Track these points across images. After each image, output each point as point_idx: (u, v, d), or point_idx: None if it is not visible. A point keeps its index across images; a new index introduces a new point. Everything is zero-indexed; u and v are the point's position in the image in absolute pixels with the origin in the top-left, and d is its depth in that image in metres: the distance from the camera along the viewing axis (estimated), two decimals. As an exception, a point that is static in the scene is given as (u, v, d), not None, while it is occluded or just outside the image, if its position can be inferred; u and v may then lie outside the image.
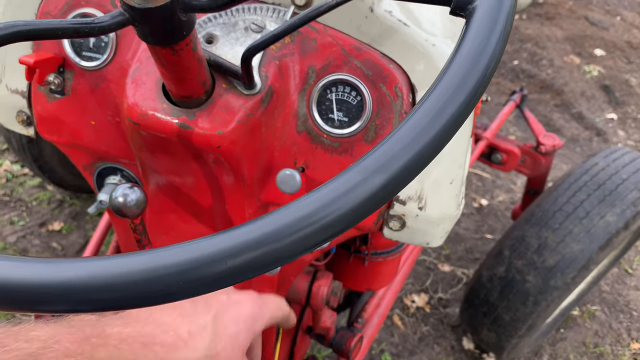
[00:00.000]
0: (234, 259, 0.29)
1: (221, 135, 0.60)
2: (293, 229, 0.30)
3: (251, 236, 0.30)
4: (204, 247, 0.30)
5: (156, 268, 0.29)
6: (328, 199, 0.30)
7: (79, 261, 0.29)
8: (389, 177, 0.32)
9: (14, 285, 0.29)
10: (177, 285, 0.30)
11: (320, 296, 0.85)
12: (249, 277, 0.31)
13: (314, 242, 0.31)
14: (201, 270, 0.29)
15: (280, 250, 0.29)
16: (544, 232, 1.50)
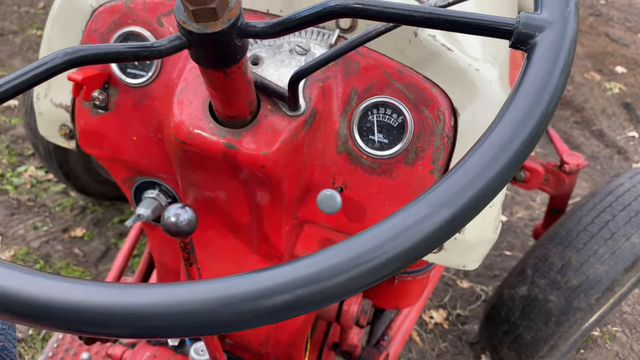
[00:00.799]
0: (312, 286, 0.30)
1: (266, 156, 0.60)
2: (364, 258, 0.30)
3: (325, 265, 0.30)
4: (282, 274, 0.30)
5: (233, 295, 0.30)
6: (396, 230, 0.31)
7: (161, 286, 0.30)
8: (457, 210, 0.32)
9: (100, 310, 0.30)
10: (249, 314, 0.31)
11: (350, 315, 0.86)
12: (323, 305, 0.31)
13: (385, 273, 0.32)
14: (277, 298, 0.30)
15: (352, 280, 0.30)
16: (567, 252, 1.49)
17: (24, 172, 2.19)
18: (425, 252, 0.31)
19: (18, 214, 2.06)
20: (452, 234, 0.32)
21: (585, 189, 2.67)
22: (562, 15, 0.38)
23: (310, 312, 0.82)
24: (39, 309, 0.30)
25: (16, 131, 2.36)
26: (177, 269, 0.86)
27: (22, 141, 2.33)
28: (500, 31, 0.39)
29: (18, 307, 0.30)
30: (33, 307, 0.30)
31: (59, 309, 0.30)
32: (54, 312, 0.30)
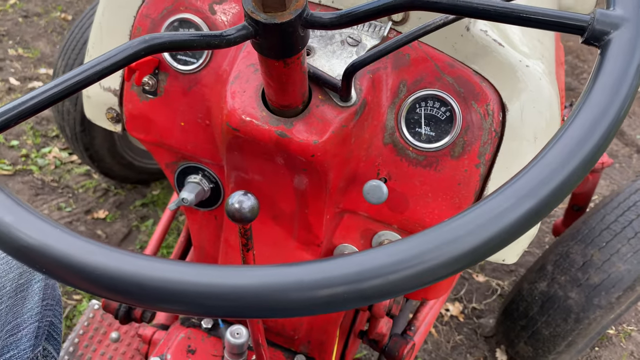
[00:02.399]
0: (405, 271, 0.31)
1: (316, 145, 0.61)
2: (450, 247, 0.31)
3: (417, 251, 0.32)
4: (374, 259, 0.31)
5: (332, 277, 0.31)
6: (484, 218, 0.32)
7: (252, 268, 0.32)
8: (537, 202, 0.33)
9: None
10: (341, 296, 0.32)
11: (383, 304, 0.87)
12: (405, 292, 0.32)
13: (466, 262, 0.33)
14: (369, 282, 0.31)
15: (438, 267, 0.31)
16: (589, 250, 1.49)
17: (49, 153, 2.21)
18: (509, 241, 0.32)
19: (42, 195, 2.09)
20: (534, 224, 0.33)
21: (604, 187, 2.66)
22: (637, 12, 0.38)
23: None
24: (156, 292, 0.32)
25: (41, 113, 2.38)
26: (215, 254, 0.88)
27: (46, 123, 2.35)
28: (574, 27, 0.40)
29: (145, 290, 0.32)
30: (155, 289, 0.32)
31: (177, 290, 0.31)
32: (170, 293, 0.31)
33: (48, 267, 0.34)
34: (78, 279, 0.33)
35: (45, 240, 0.34)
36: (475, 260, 0.34)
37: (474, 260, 0.33)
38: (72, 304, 1.77)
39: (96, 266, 0.33)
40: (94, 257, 0.34)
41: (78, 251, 0.34)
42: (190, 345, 0.90)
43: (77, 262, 0.33)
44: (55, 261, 0.33)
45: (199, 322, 0.94)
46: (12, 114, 0.39)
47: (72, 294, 1.81)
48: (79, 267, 0.33)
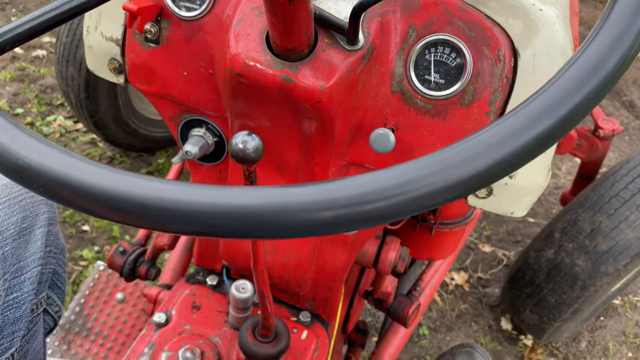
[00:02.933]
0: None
1: (322, 90, 0.60)
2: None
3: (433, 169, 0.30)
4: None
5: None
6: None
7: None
8: (555, 122, 0.32)
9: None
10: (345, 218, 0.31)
11: (388, 261, 0.86)
12: (415, 212, 0.31)
13: (483, 181, 0.31)
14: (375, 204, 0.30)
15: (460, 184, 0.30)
16: (598, 217, 1.48)
17: (53, 122, 2.21)
18: (524, 162, 0.31)
19: (47, 162, 2.09)
20: (549, 146, 0.32)
21: (613, 159, 2.63)
22: None
23: (352, 254, 0.83)
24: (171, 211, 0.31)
25: (45, 81, 2.37)
26: (218, 210, 0.87)
27: (51, 91, 2.34)
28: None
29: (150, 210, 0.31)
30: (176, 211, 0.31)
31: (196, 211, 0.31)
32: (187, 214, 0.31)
33: (46, 187, 0.33)
34: (78, 198, 0.32)
35: (43, 159, 0.33)
36: (489, 179, 0.32)
37: (487, 179, 0.32)
38: (79, 270, 1.78)
39: (103, 186, 0.32)
40: (99, 178, 0.33)
41: (78, 171, 0.33)
42: (195, 302, 0.90)
43: (77, 181, 0.32)
44: (53, 180, 0.33)
45: (204, 280, 0.94)
46: (7, 37, 0.38)
47: (79, 260, 1.82)
48: (79, 187, 0.32)
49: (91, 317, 1.15)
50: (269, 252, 0.84)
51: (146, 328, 0.86)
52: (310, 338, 0.87)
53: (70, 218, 1.92)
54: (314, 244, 0.81)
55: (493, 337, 1.84)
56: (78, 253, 1.83)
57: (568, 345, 1.84)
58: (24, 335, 0.66)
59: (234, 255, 0.88)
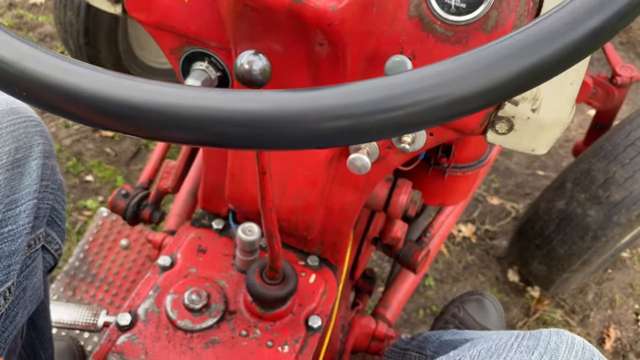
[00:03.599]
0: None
1: (334, 12, 0.55)
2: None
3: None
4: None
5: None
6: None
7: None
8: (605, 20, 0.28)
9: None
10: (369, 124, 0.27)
11: (399, 204, 0.83)
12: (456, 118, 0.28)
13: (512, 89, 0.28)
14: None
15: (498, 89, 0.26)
16: (612, 167, 1.44)
17: (53, 70, 2.16)
18: (572, 63, 0.27)
19: (48, 113, 2.05)
20: (599, 45, 0.28)
21: (626, 112, 2.57)
22: None
23: (362, 196, 0.80)
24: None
25: (44, 29, 2.30)
26: (224, 152, 0.83)
27: (50, 39, 2.28)
28: None
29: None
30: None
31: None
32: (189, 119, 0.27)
33: (30, 91, 0.29)
34: (66, 103, 0.29)
35: (23, 59, 0.29)
36: (525, 85, 0.29)
37: (520, 86, 0.28)
38: (83, 220, 1.77)
39: (92, 89, 0.29)
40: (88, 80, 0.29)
41: (68, 74, 0.29)
42: (201, 245, 0.87)
43: (69, 85, 0.29)
44: (38, 84, 0.29)
45: (210, 223, 0.92)
46: None
47: (83, 210, 1.80)
48: (68, 90, 0.29)
49: (95, 263, 1.14)
50: (277, 196, 0.81)
51: (151, 271, 0.84)
52: (319, 282, 0.85)
53: (73, 168, 1.90)
54: (323, 186, 0.78)
55: (500, 289, 1.83)
56: (82, 203, 1.82)
57: (575, 297, 1.84)
58: (21, 270, 0.64)
59: (240, 198, 0.85)
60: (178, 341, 0.76)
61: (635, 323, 1.80)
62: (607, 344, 1.74)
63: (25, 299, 0.66)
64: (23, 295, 0.65)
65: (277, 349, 0.77)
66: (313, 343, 0.79)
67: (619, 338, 1.76)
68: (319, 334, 0.80)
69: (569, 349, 0.53)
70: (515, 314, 1.77)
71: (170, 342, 0.76)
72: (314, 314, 0.81)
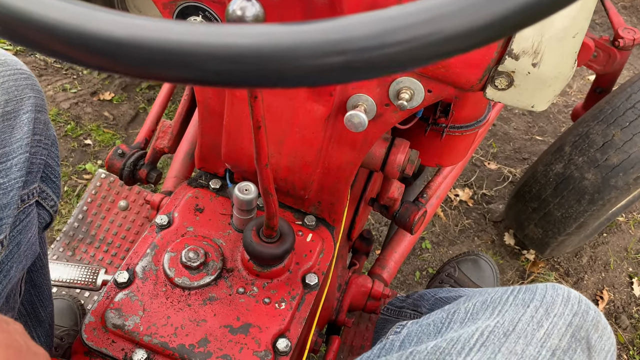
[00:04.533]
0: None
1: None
2: None
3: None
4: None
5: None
6: None
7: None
8: None
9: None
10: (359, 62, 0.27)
11: (397, 163, 0.83)
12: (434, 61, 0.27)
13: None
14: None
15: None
16: (611, 130, 1.44)
17: (47, 32, 2.12)
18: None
19: (46, 75, 2.03)
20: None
21: (626, 77, 2.55)
22: None
23: (359, 155, 0.79)
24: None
25: (35, -11, 2.25)
26: (220, 111, 0.83)
27: None
28: None
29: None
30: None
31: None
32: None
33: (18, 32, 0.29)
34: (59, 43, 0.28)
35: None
36: (523, 22, 0.28)
37: (521, 22, 0.28)
38: (83, 183, 1.77)
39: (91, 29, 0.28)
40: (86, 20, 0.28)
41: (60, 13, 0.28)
42: (198, 204, 0.88)
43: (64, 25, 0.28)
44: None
45: (207, 183, 0.92)
46: None
47: (82, 173, 1.80)
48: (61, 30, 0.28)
49: (94, 224, 1.14)
50: (273, 154, 0.81)
51: (148, 230, 0.85)
52: (316, 241, 0.85)
53: (72, 132, 1.89)
54: (320, 144, 0.78)
55: (495, 252, 1.85)
56: (81, 167, 1.81)
57: (569, 260, 1.86)
58: (14, 224, 0.64)
59: (237, 157, 0.84)
60: (176, 298, 0.77)
61: (628, 286, 1.82)
62: (600, 306, 1.76)
63: (19, 254, 0.66)
64: (17, 249, 0.66)
65: (274, 306, 0.78)
66: (310, 300, 0.80)
67: (612, 300, 1.78)
68: (315, 292, 0.81)
69: (565, 302, 0.54)
70: (511, 276, 1.80)
71: (168, 299, 0.76)
72: (311, 272, 0.82)
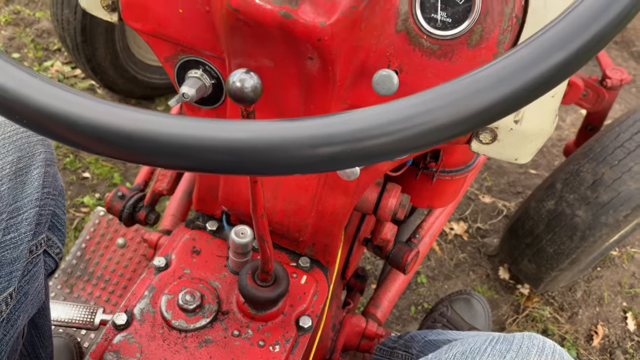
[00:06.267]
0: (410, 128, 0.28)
1: (323, 28, 0.57)
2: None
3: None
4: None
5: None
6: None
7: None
8: (570, 54, 0.30)
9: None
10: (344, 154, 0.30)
11: (388, 207, 0.86)
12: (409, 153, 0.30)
13: (496, 112, 0.30)
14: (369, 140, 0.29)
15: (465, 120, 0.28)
16: (600, 168, 1.47)
17: (51, 67, 2.17)
18: (535, 96, 0.29)
19: (45, 109, 2.07)
20: (564, 79, 0.30)
21: (618, 112, 2.59)
22: None
23: (352, 200, 0.82)
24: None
25: (41, 25, 2.31)
26: (217, 155, 0.86)
27: (47, 35, 2.28)
28: None
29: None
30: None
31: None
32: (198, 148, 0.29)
33: (30, 118, 0.31)
34: (62, 129, 0.31)
35: (26, 89, 0.31)
36: (491, 117, 0.31)
37: (489, 118, 0.31)
38: (80, 216, 1.79)
39: (89, 117, 0.31)
40: (82, 109, 0.31)
41: (62, 102, 0.31)
42: (195, 246, 0.90)
43: (61, 112, 0.31)
44: (37, 111, 0.31)
45: (204, 225, 0.94)
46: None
47: (80, 207, 1.82)
48: (63, 117, 0.31)
49: (93, 261, 1.16)
50: (269, 199, 0.84)
51: (146, 272, 0.87)
52: (310, 283, 0.87)
53: (71, 165, 1.92)
54: (314, 191, 0.80)
55: (490, 286, 1.86)
56: (79, 200, 1.83)
57: (564, 295, 1.87)
58: (22, 275, 0.66)
59: (234, 201, 0.87)
60: (172, 340, 0.78)
61: (622, 320, 1.83)
62: (595, 341, 1.77)
63: (26, 303, 0.68)
64: (25, 299, 0.67)
65: (268, 349, 0.79)
66: (304, 343, 0.81)
67: (607, 335, 1.79)
68: (309, 334, 0.82)
69: (539, 352, 0.56)
70: (506, 310, 1.81)
71: (165, 341, 0.78)
72: (305, 315, 0.83)
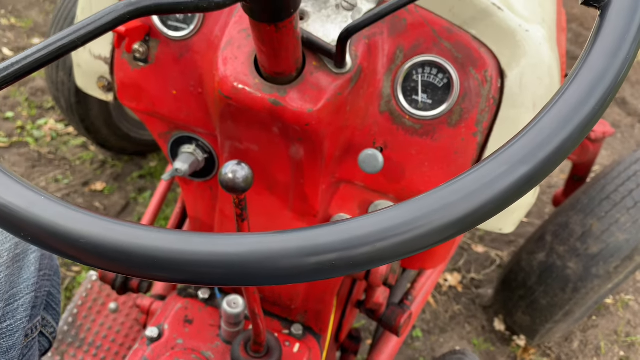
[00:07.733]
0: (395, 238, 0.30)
1: (311, 114, 0.60)
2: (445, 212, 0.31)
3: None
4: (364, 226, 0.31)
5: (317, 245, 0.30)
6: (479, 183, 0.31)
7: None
8: (533, 168, 0.32)
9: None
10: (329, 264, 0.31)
11: (379, 273, 0.87)
12: (396, 259, 0.32)
13: (457, 229, 0.32)
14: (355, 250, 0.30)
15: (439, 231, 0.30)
16: (589, 220, 1.49)
17: (44, 125, 2.20)
18: (503, 207, 0.31)
19: (39, 167, 2.08)
20: (527, 191, 0.32)
21: (605, 157, 2.65)
22: None
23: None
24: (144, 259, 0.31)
25: (35, 84, 2.36)
26: (210, 225, 0.87)
27: (41, 94, 2.33)
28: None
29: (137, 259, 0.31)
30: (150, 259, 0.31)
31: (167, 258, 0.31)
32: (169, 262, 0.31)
33: (34, 235, 0.33)
34: (65, 247, 0.33)
35: (31, 208, 0.33)
36: (467, 226, 0.33)
37: (465, 227, 0.33)
38: (72, 276, 1.78)
39: (82, 234, 0.32)
40: (79, 225, 0.33)
41: (63, 219, 0.33)
42: (188, 315, 0.90)
43: (62, 230, 0.33)
44: (40, 229, 0.33)
45: (196, 293, 0.94)
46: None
47: (71, 265, 1.81)
48: (65, 235, 0.32)
49: (84, 327, 1.15)
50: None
51: (139, 342, 0.86)
52: (302, 351, 0.87)
53: (63, 223, 1.92)
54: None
55: (486, 338, 1.85)
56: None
57: (561, 345, 1.86)
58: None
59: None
60: (165, 415, 0.78)
61: (620, 371, 1.82)
62: (594, 393, 1.75)
63: None
64: None
65: (261, 421, 0.79)
66: (298, 413, 0.81)
67: (605, 387, 1.77)
68: (303, 404, 0.82)
69: None
70: (502, 364, 1.79)
71: (158, 416, 0.77)
72: (298, 384, 0.83)
